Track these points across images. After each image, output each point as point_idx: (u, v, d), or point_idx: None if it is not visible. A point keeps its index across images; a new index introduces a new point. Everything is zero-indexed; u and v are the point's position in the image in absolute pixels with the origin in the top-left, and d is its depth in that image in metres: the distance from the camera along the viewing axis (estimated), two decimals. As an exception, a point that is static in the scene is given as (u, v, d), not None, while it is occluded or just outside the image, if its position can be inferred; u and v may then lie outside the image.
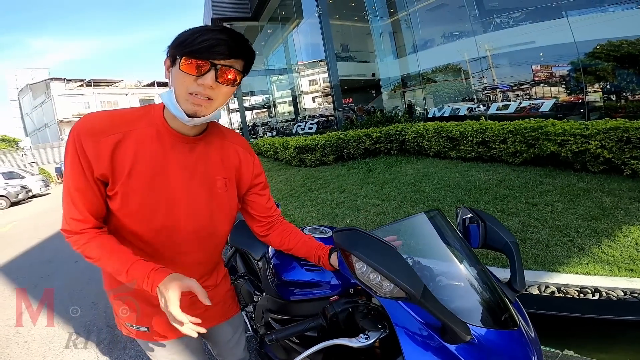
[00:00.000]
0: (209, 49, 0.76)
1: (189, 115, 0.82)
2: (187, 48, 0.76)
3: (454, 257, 0.95)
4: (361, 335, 0.84)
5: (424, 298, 0.70)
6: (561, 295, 2.37)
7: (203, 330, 0.80)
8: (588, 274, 2.48)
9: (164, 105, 0.90)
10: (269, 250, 1.47)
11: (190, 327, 0.78)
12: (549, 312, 2.11)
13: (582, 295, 2.33)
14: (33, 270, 4.70)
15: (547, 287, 2.44)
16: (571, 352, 1.87)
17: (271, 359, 1.41)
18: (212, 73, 0.78)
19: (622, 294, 2.25)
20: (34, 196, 15.15)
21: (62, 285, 3.95)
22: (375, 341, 0.82)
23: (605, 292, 2.29)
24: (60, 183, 22.94)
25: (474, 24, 9.78)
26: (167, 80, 0.86)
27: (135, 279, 0.84)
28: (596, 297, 2.28)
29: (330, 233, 1.41)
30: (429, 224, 0.99)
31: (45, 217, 9.36)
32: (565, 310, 2.17)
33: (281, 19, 17.87)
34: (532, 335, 0.88)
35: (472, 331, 0.75)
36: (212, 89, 0.79)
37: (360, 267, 0.77)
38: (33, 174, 17.34)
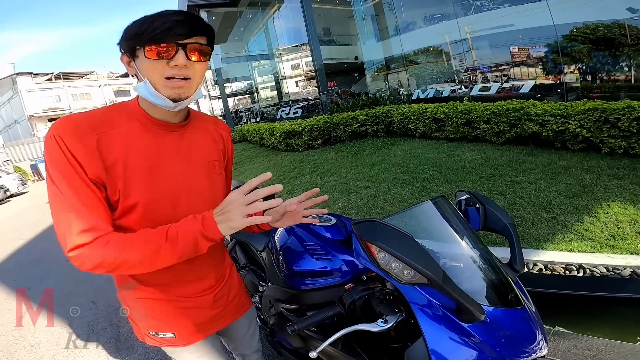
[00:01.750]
0: (169, 30, 0.75)
1: (173, 100, 0.81)
2: (148, 36, 0.75)
3: (461, 242, 1.01)
4: (379, 320, 0.88)
5: (444, 282, 0.76)
6: (548, 272, 2.48)
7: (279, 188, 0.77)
8: (572, 250, 2.59)
9: (137, 98, 0.88)
10: (276, 240, 1.48)
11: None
12: (538, 290, 2.21)
13: (567, 272, 2.44)
14: (24, 272, 4.61)
15: (534, 264, 2.55)
16: (562, 329, 1.97)
17: (284, 347, 1.45)
18: (181, 53, 0.77)
19: (605, 270, 2.37)
20: (12, 195, 14.62)
21: (57, 285, 3.91)
22: (393, 324, 0.87)
23: (588, 268, 2.41)
24: (37, 180, 22.09)
25: (455, 6, 9.78)
26: (132, 75, 0.84)
27: (179, 233, 0.76)
28: (581, 274, 2.39)
29: (334, 221, 1.43)
30: (436, 211, 1.05)
31: (27, 216, 9.10)
32: (553, 287, 2.27)
33: (261, 4, 17.31)
34: (534, 311, 0.96)
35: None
36: (187, 68, 0.79)
37: (382, 256, 0.82)
38: (9, 173, 16.64)
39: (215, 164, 1.00)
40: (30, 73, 36.67)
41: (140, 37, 0.76)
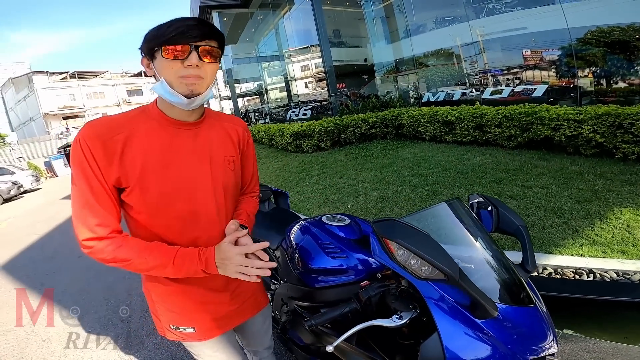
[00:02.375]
0: (184, 33, 0.82)
1: (186, 96, 0.87)
2: (164, 37, 0.83)
3: (474, 242, 1.04)
4: (394, 316, 0.91)
5: (460, 278, 0.80)
6: (558, 276, 2.48)
7: (273, 265, 0.90)
8: (582, 255, 2.57)
9: (157, 100, 0.95)
10: (291, 239, 1.51)
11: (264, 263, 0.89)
12: (547, 293, 2.19)
13: (577, 276, 2.44)
14: (37, 268, 4.67)
15: (544, 268, 2.55)
16: (570, 331, 1.98)
17: (296, 344, 1.48)
18: (194, 54, 0.84)
19: (615, 275, 2.36)
20: (25, 192, 14.92)
21: (69, 281, 3.94)
22: (407, 321, 0.90)
23: (599, 273, 2.40)
24: (51, 177, 22.58)
25: (467, 8, 9.73)
26: (150, 76, 0.92)
27: (184, 264, 0.89)
28: (591, 279, 2.39)
29: (348, 221, 1.46)
30: (450, 212, 1.08)
31: (41, 212, 9.25)
32: (563, 291, 2.27)
33: (272, 5, 17.47)
34: (545, 311, 0.98)
35: None
36: (199, 68, 0.86)
37: (401, 253, 0.87)
38: (23, 169, 16.99)
39: (231, 160, 1.05)
40: (47, 72, 37.51)
41: (158, 40, 0.84)
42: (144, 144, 0.89)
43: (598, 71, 7.28)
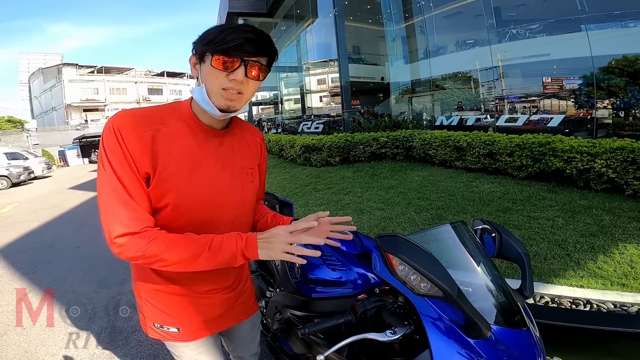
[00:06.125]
0: (239, 47, 0.81)
1: (221, 110, 0.86)
2: (218, 46, 0.81)
3: (475, 264, 1.05)
4: (388, 330, 0.91)
5: (457, 297, 0.82)
6: (554, 305, 2.46)
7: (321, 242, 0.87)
8: (582, 286, 2.57)
9: (191, 101, 0.93)
10: None
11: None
12: (542, 321, 2.15)
13: (574, 306, 2.42)
14: (33, 255, 4.62)
15: (542, 297, 2.53)
16: (560, 359, 1.93)
17: (286, 353, 1.47)
18: (242, 69, 0.83)
19: (612, 306, 2.35)
20: (35, 178, 15.21)
21: (63, 271, 3.92)
22: (400, 336, 0.90)
23: (596, 304, 2.39)
24: (62, 166, 23.06)
25: (490, 33, 9.66)
26: (193, 76, 0.91)
27: (222, 247, 0.83)
28: (587, 309, 2.38)
29: (351, 235, 1.47)
30: (453, 234, 1.09)
31: (46, 199, 9.39)
32: (557, 319, 2.23)
33: (296, 17, 17.82)
34: (538, 336, 0.98)
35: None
36: (242, 84, 0.85)
37: (402, 268, 0.89)
38: (36, 156, 17.40)
39: (249, 171, 1.05)
40: (76, 65, 38.71)
41: (212, 46, 0.82)
42: (173, 145, 0.87)
43: (617, 102, 7.14)
